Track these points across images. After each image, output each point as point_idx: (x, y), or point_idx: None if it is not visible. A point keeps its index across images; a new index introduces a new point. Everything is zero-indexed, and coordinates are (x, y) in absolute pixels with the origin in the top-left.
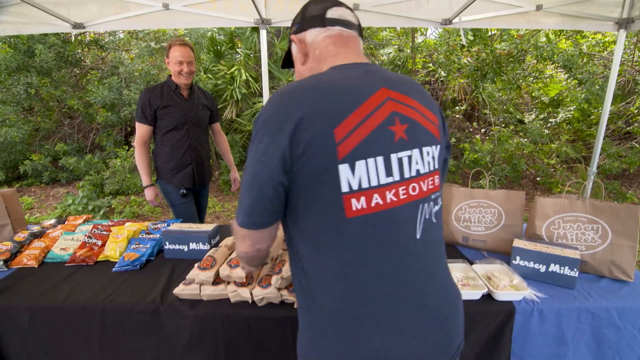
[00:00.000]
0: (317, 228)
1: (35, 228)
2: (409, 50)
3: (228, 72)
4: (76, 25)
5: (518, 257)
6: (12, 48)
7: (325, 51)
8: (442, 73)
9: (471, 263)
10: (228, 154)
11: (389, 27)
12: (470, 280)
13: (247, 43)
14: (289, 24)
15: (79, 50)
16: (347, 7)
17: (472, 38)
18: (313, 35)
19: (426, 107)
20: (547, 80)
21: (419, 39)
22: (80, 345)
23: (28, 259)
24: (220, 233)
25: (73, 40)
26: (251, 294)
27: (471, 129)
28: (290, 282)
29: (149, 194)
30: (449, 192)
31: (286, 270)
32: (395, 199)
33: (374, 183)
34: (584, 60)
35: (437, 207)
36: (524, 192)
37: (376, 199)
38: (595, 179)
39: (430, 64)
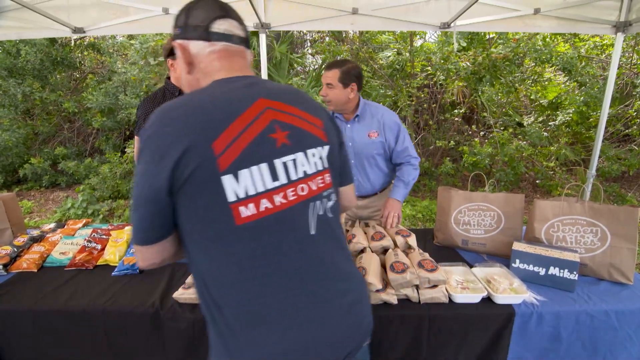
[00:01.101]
0: (209, 238)
1: (35, 232)
2: (407, 54)
3: None
4: (76, 30)
5: (517, 260)
6: (3, 51)
7: (210, 66)
8: (441, 77)
9: (471, 266)
10: None
11: (387, 31)
12: (469, 283)
13: None
14: (288, 28)
15: (79, 54)
16: (234, 18)
17: (465, 44)
18: (198, 47)
19: (309, 112)
20: (546, 83)
21: (418, 42)
22: (81, 349)
23: (27, 263)
24: None
25: (72, 43)
26: None
27: (470, 132)
28: None
29: None
30: (448, 195)
31: None
32: (284, 200)
33: (260, 189)
34: (583, 64)
35: (331, 203)
36: (523, 195)
37: (264, 203)
38: (594, 182)
39: (429, 68)
